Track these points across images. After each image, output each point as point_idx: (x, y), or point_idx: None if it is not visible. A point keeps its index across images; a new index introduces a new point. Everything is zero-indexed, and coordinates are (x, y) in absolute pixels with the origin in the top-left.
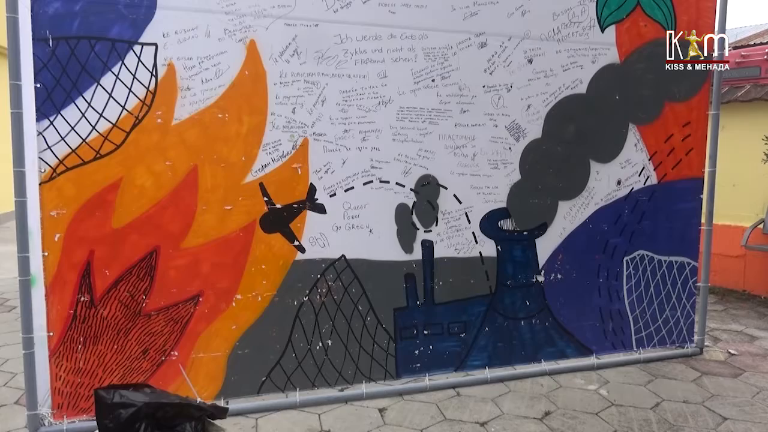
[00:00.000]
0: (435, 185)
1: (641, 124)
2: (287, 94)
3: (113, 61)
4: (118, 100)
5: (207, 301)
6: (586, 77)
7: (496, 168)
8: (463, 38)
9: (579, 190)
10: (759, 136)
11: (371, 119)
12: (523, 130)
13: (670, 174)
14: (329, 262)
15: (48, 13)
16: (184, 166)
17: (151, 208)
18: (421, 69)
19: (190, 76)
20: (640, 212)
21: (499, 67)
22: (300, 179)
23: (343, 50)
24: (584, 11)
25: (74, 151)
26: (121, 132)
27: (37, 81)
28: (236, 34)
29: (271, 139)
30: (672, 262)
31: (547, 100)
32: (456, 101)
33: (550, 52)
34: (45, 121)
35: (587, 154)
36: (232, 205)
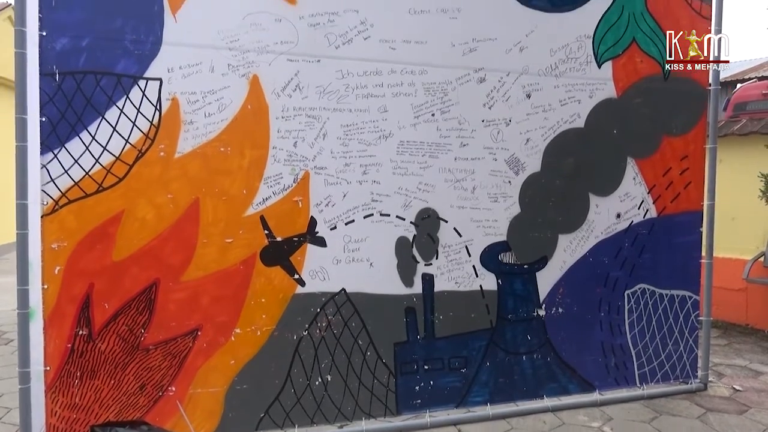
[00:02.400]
0: (435, 218)
1: (639, 158)
2: (289, 128)
3: (118, 95)
4: (121, 133)
5: (206, 335)
6: (584, 112)
7: (495, 201)
8: (462, 73)
9: (579, 223)
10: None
11: (372, 153)
12: (523, 164)
13: (669, 207)
14: (329, 295)
15: (55, 49)
16: (186, 198)
17: (151, 241)
18: (421, 103)
19: (193, 110)
20: (640, 245)
21: (498, 102)
22: (301, 212)
23: (345, 85)
24: (581, 47)
25: (77, 183)
26: (124, 165)
27: (43, 115)
28: (239, 69)
29: (272, 172)
30: (673, 295)
31: (546, 134)
32: (456, 135)
33: (548, 87)
34: (49, 154)
35: (586, 188)
36: (233, 238)
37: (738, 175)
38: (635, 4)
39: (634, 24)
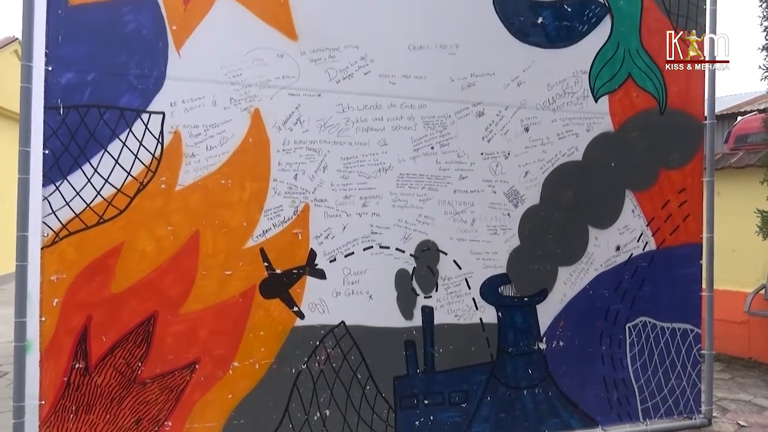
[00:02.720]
0: (435, 251)
1: (637, 191)
2: (289, 160)
3: (121, 128)
4: (123, 166)
5: (203, 368)
6: (582, 145)
7: (495, 234)
8: (461, 107)
9: (578, 255)
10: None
11: (371, 185)
12: (522, 197)
13: (669, 240)
14: (328, 328)
15: (60, 83)
16: (186, 231)
17: (151, 273)
18: (420, 137)
19: (195, 143)
20: (640, 278)
21: (497, 135)
22: (300, 244)
23: (345, 119)
24: (578, 82)
25: (78, 215)
26: (125, 197)
27: (46, 147)
28: (241, 103)
29: (272, 204)
30: (675, 328)
31: (544, 167)
32: (455, 168)
33: (546, 120)
34: (51, 186)
35: (585, 220)
36: (233, 270)
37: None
38: (630, 41)
39: (629, 60)
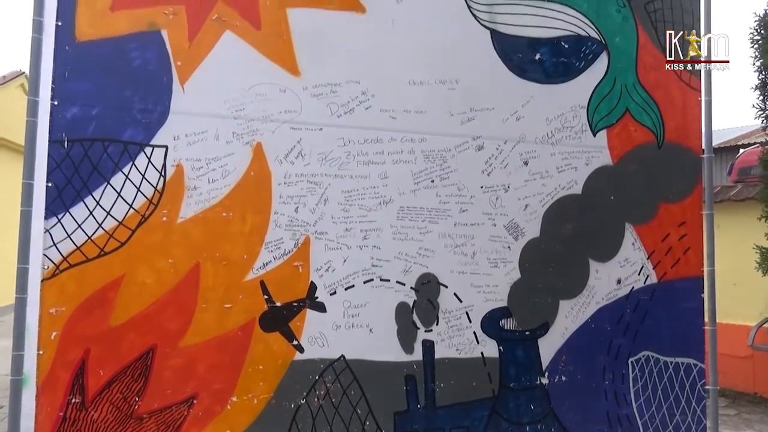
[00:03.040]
0: (435, 284)
1: (637, 224)
2: (291, 193)
3: (124, 161)
4: (126, 198)
5: (201, 403)
6: (581, 178)
7: (495, 266)
8: (461, 141)
9: (579, 289)
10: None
11: (372, 218)
12: (522, 229)
13: (670, 273)
14: (328, 362)
15: (66, 117)
16: (187, 263)
17: (150, 306)
18: (420, 170)
19: (197, 176)
20: (642, 312)
21: (497, 169)
22: (301, 277)
23: (346, 152)
24: (576, 117)
25: (79, 248)
26: (127, 230)
27: (50, 180)
28: (244, 137)
29: (273, 237)
30: (678, 363)
31: (544, 200)
32: (455, 201)
33: (545, 154)
34: (53, 218)
35: (586, 253)
36: (233, 303)
37: (737, 240)
38: (627, 77)
39: (626, 95)
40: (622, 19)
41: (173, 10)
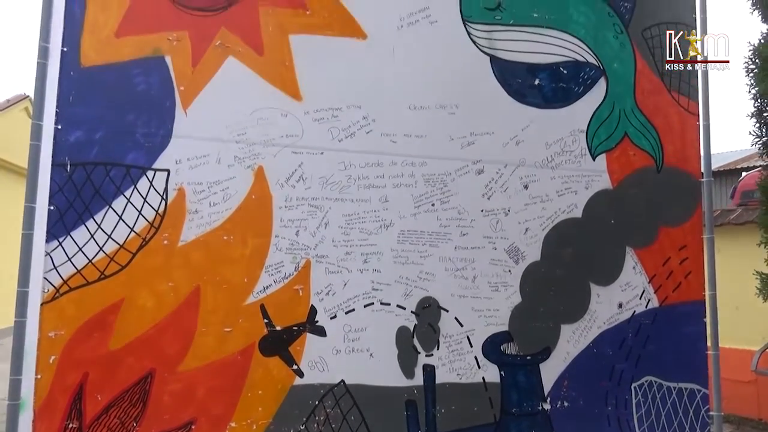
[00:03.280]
0: (436, 308)
1: (638, 248)
2: (291, 217)
3: (126, 185)
4: (127, 222)
5: (200, 428)
6: (581, 202)
7: (496, 290)
8: (461, 165)
9: (581, 313)
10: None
11: (373, 242)
12: (522, 253)
13: (671, 297)
14: (328, 387)
15: (69, 141)
16: (187, 287)
17: (150, 330)
18: (421, 194)
19: (198, 199)
20: (644, 336)
21: (497, 193)
22: (301, 301)
23: (347, 176)
24: (575, 141)
25: (79, 271)
26: (128, 253)
27: (52, 204)
28: (245, 161)
29: (273, 261)
30: (681, 388)
31: (544, 224)
32: (455, 225)
33: (545, 178)
34: (54, 242)
35: (587, 277)
36: (232, 326)
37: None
38: (625, 102)
39: (625, 119)
40: (619, 46)
41: (177, 36)
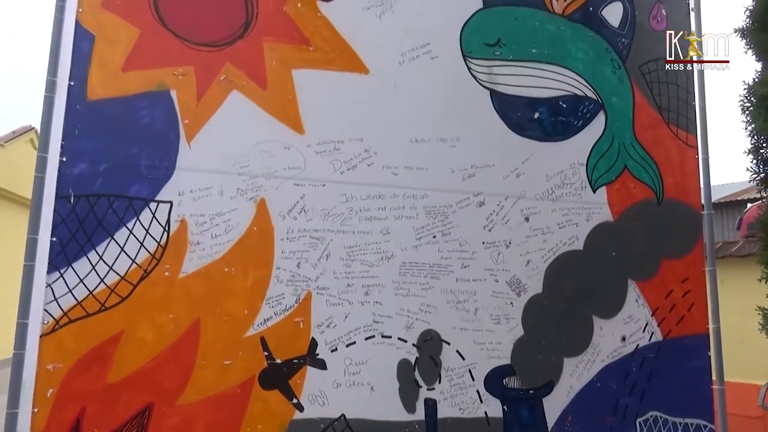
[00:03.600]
0: (437, 340)
1: (640, 280)
2: (293, 249)
3: (129, 216)
4: (129, 253)
5: None
6: (582, 234)
7: (498, 323)
8: (462, 197)
9: (584, 346)
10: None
11: (374, 274)
12: (524, 285)
13: (675, 330)
14: (328, 422)
15: (73, 173)
16: (187, 319)
17: (149, 362)
18: (422, 226)
19: (200, 231)
20: (648, 370)
21: (498, 225)
22: (301, 333)
23: (348, 208)
24: (575, 174)
25: (80, 303)
26: (128, 285)
27: (54, 235)
28: (248, 193)
29: (274, 292)
30: (687, 424)
31: (546, 256)
32: (457, 257)
33: (546, 210)
34: (55, 273)
35: (589, 310)
36: (232, 359)
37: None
38: (624, 135)
39: (624, 152)
40: (617, 80)
41: (182, 71)
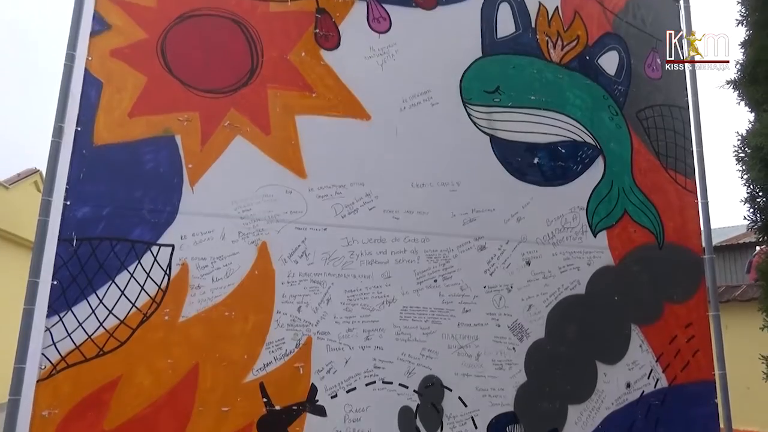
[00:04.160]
0: (439, 386)
1: (643, 325)
2: (294, 293)
3: (130, 260)
4: (129, 297)
5: None
6: (584, 278)
7: (501, 369)
8: (463, 241)
9: (588, 393)
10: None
11: (375, 318)
12: (526, 330)
13: (680, 376)
14: None
15: (76, 217)
16: (186, 364)
17: (146, 409)
18: (423, 270)
19: (201, 275)
20: (654, 418)
21: (499, 269)
22: (301, 379)
23: (350, 252)
24: (576, 218)
25: (78, 347)
26: (128, 329)
27: (55, 278)
28: (249, 236)
29: (274, 337)
30: None
31: (548, 301)
32: (458, 301)
33: (547, 254)
34: (55, 317)
35: (593, 355)
36: (230, 406)
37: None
38: (623, 180)
39: (624, 197)
40: (615, 126)
41: (188, 116)
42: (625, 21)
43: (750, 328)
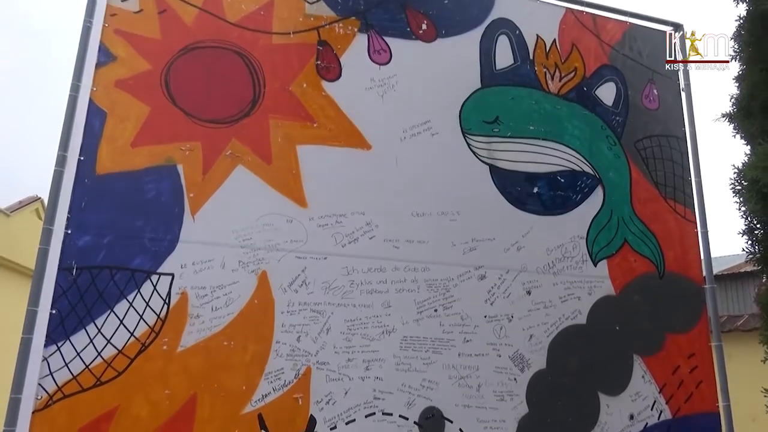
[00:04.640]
0: (440, 418)
1: (646, 355)
2: (293, 322)
3: (130, 289)
4: (128, 326)
5: None
6: (585, 308)
7: (502, 400)
8: (463, 271)
9: (591, 425)
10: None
11: (375, 348)
12: (527, 361)
13: (684, 408)
14: None
15: (77, 245)
16: (184, 394)
17: None
18: (423, 299)
19: (201, 304)
20: None
21: (499, 298)
22: (300, 410)
23: (350, 281)
24: (576, 247)
25: (75, 377)
26: (125, 359)
27: (54, 307)
28: (249, 265)
29: (274, 367)
30: None
31: (549, 330)
32: (459, 331)
33: (547, 284)
34: (53, 346)
35: (595, 386)
36: None
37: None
38: (623, 209)
39: (624, 226)
40: (614, 156)
41: (190, 146)
42: (622, 53)
43: (753, 357)
